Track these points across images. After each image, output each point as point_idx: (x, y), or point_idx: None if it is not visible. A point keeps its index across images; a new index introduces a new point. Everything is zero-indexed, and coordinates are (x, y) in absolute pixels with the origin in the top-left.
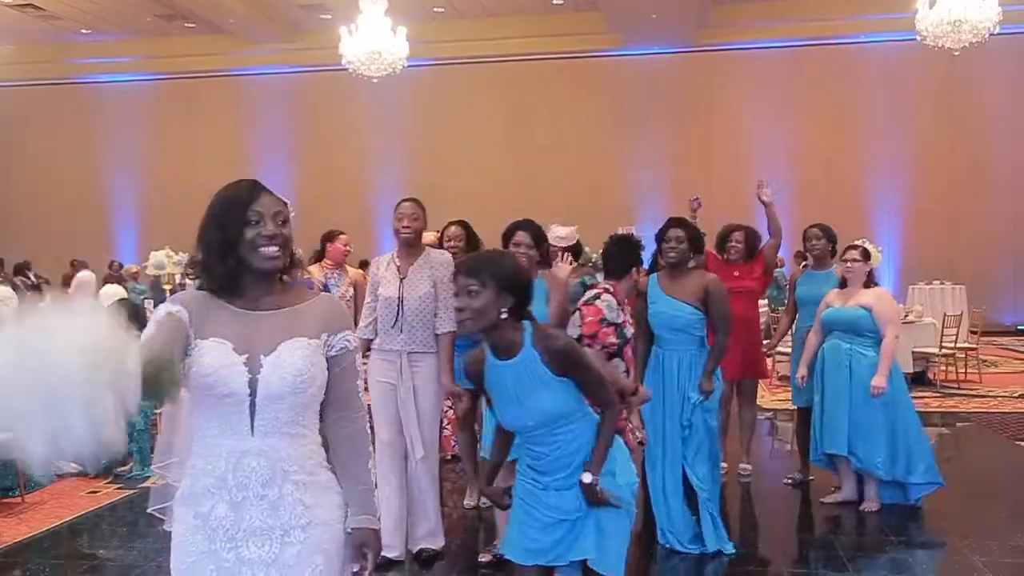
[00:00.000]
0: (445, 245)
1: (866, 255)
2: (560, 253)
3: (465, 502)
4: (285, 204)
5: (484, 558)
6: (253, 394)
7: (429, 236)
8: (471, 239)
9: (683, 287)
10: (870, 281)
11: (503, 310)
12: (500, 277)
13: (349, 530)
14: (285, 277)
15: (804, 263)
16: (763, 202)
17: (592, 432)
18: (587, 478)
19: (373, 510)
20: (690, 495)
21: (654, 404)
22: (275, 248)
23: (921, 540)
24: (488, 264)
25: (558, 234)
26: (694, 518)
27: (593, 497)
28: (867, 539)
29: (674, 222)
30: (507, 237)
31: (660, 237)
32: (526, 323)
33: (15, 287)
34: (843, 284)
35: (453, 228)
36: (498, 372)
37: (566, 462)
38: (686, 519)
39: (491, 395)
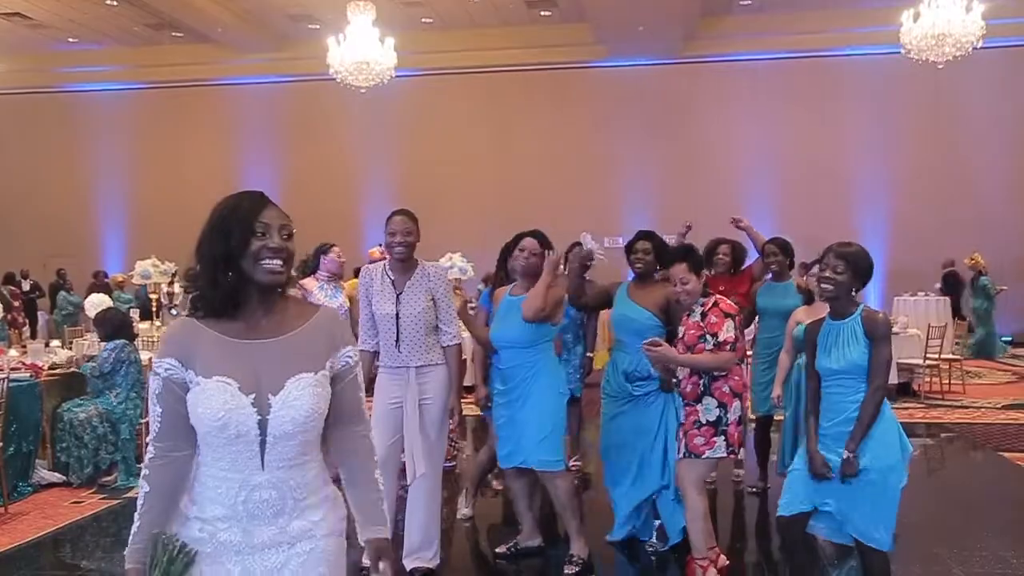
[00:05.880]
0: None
1: None
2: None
3: (462, 512)
4: (289, 219)
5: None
6: (263, 433)
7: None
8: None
9: (647, 295)
10: None
11: (853, 289)
12: (857, 268)
13: (363, 541)
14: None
15: (768, 275)
16: (741, 228)
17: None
18: (844, 454)
19: (384, 520)
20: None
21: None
22: (279, 262)
23: (903, 550)
24: (854, 256)
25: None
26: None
27: (850, 470)
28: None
29: (642, 235)
30: (514, 243)
31: (628, 249)
32: (862, 302)
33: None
34: (808, 299)
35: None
36: (830, 328)
37: (840, 409)
38: (648, 513)
39: (818, 345)
